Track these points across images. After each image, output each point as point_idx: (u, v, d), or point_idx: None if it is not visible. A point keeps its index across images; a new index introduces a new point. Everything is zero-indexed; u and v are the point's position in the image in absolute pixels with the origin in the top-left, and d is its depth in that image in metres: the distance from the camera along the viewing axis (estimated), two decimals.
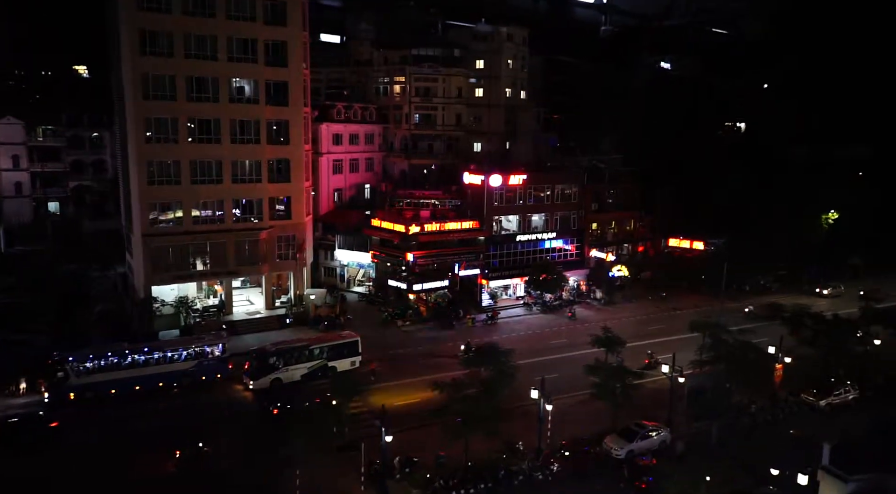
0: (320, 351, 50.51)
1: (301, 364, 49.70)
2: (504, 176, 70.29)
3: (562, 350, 58.17)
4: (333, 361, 50.59)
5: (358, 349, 52.16)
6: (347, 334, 53.88)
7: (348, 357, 51.46)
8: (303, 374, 49.52)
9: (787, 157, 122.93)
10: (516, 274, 71.99)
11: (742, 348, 44.77)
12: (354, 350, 52.02)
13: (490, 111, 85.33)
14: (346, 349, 51.69)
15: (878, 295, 59.90)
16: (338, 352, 51.13)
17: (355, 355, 51.95)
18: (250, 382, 48.58)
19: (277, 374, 48.81)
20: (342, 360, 51.07)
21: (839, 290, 77.95)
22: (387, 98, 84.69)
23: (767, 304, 59.10)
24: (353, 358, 51.75)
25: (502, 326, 66.52)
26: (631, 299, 76.71)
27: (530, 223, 73.61)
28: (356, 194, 79.79)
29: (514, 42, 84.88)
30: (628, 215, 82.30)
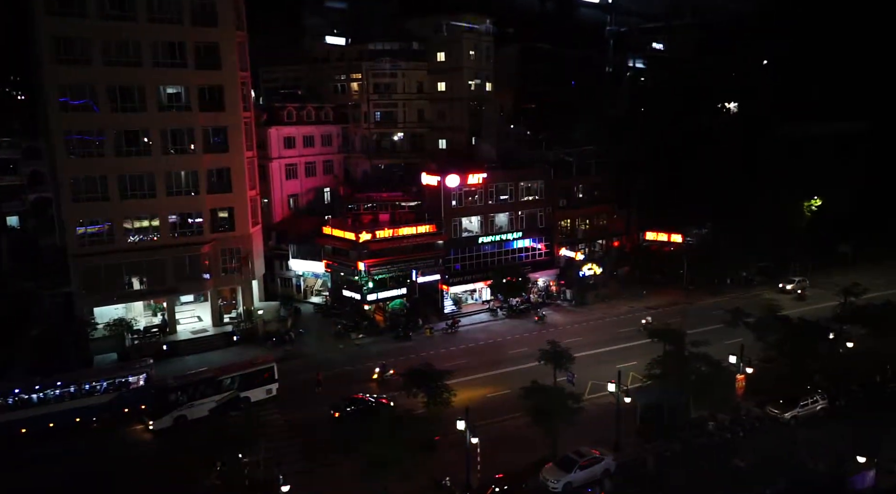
0: (231, 381, 46.16)
1: (208, 398, 45.03)
2: (461, 176, 66.64)
3: (519, 361, 54.61)
4: (246, 391, 46.43)
5: (274, 375, 47.99)
6: (262, 359, 49.44)
7: (263, 386, 47.33)
8: (211, 408, 44.82)
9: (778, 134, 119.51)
10: (479, 278, 68.49)
11: (698, 359, 41.29)
12: (270, 378, 47.79)
13: (453, 106, 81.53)
14: (259, 376, 47.36)
15: (856, 289, 55.89)
16: (250, 381, 46.83)
17: (271, 382, 47.80)
18: (150, 422, 44.12)
19: (181, 411, 44.36)
20: (256, 389, 46.94)
21: (804, 284, 73.88)
22: (345, 96, 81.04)
23: (735, 307, 54.98)
24: (269, 386, 47.65)
25: (462, 335, 63.09)
26: (604, 298, 73.21)
27: (494, 224, 69.99)
28: (315, 199, 76.39)
29: (476, 32, 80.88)
30: (602, 209, 78.48)
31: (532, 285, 71.94)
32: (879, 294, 71.24)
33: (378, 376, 50.91)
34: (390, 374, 50.70)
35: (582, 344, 59.06)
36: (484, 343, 60.46)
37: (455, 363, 54.25)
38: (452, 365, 53.54)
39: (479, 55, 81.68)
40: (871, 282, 76.11)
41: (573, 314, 69.23)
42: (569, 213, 74.79)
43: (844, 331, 49.16)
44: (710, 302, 71.85)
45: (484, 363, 54.46)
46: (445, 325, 63.48)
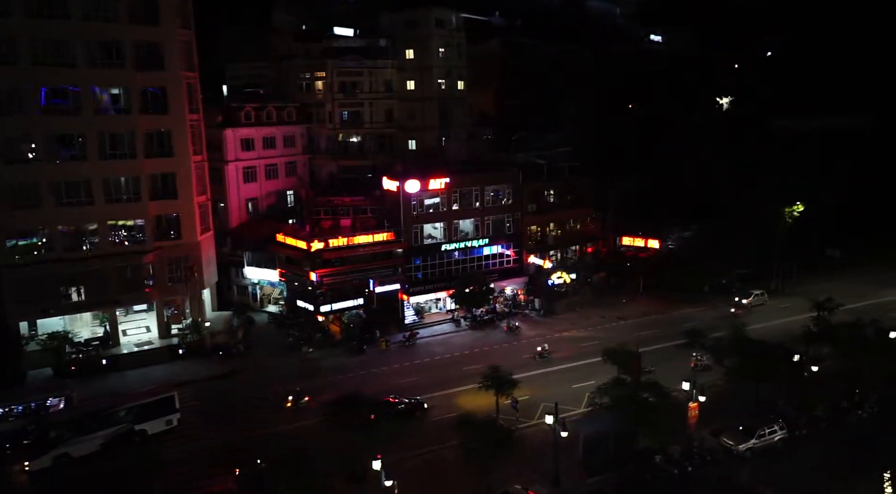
0: (126, 413, 42.03)
1: (96, 433, 40.67)
2: (422, 181, 63.71)
3: (471, 380, 50.69)
4: (142, 423, 42.41)
5: (174, 405, 43.90)
6: (161, 388, 45.71)
7: (162, 417, 43.18)
8: (101, 444, 40.57)
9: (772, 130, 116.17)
10: (442, 287, 65.66)
11: (646, 387, 38.44)
12: (169, 408, 43.65)
13: (423, 105, 78.45)
14: (157, 407, 43.23)
15: (829, 304, 52.70)
16: (147, 413, 42.67)
17: (170, 413, 43.64)
18: (26, 463, 39.14)
19: (64, 448, 39.64)
20: (154, 421, 42.83)
21: (762, 298, 70.19)
22: (310, 95, 78.03)
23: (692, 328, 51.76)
24: (168, 417, 43.46)
25: (420, 348, 60.32)
26: (575, 307, 70.31)
27: (458, 230, 67.13)
28: (276, 203, 73.56)
29: (446, 28, 77.71)
30: (575, 213, 75.41)
31: (498, 295, 69.17)
32: (861, 305, 68.72)
33: (291, 403, 46.97)
34: (305, 401, 46.83)
35: (543, 361, 56.55)
36: (440, 358, 57.60)
37: (402, 382, 51.72)
38: (399, 384, 51.38)
39: (450, 53, 78.54)
40: (857, 290, 74.01)
41: (540, 324, 66.31)
42: (539, 218, 71.74)
43: (811, 353, 46.10)
44: (685, 312, 69.02)
45: (434, 381, 51.56)
46: (402, 337, 60.81)
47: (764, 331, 61.34)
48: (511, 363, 54.90)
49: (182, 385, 51.02)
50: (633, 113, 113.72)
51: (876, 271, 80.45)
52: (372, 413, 42.68)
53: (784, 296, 73.54)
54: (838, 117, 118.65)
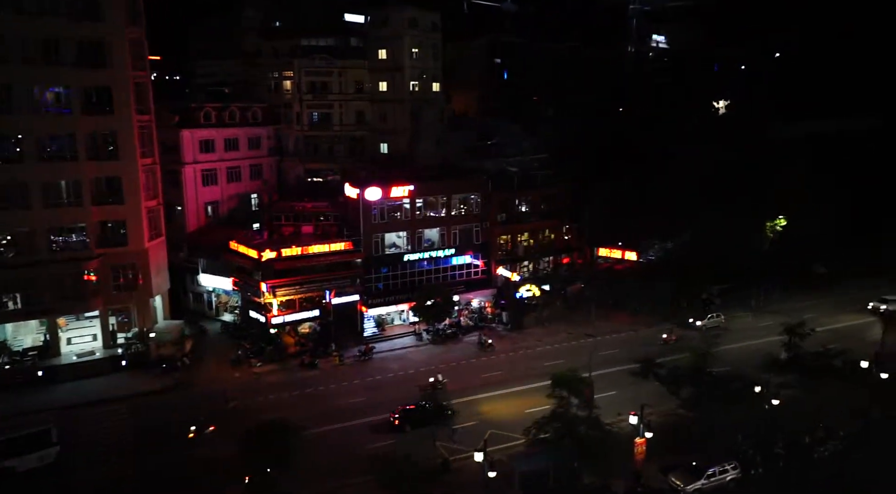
0: None
1: None
2: (384, 188, 61.11)
3: None
4: (10, 459, 38.62)
5: (51, 438, 40.10)
6: (36, 420, 41.93)
7: (35, 452, 39.36)
8: None
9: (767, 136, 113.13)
10: (404, 299, 63.04)
11: (589, 422, 35.77)
12: (44, 442, 39.88)
13: (395, 107, 75.77)
14: (29, 441, 39.46)
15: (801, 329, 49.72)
16: (16, 447, 38.90)
17: (46, 447, 39.83)
18: None
19: None
20: (25, 457, 39.02)
21: (718, 321, 66.24)
22: (278, 95, 75.49)
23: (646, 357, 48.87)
24: (42, 452, 39.61)
25: (376, 363, 57.68)
26: (545, 322, 67.57)
27: (422, 240, 64.49)
28: (239, 206, 71.02)
29: (420, 28, 74.89)
30: (549, 223, 72.61)
31: (463, 308, 66.55)
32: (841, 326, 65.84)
33: (194, 434, 43.03)
34: (210, 431, 43.11)
35: (498, 381, 53.68)
36: (393, 376, 55.00)
37: (348, 403, 49.15)
38: (343, 405, 48.71)
39: (424, 53, 75.74)
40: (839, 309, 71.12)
41: (505, 339, 63.57)
42: (509, 228, 68.97)
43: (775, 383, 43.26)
44: (659, 330, 66.10)
45: (381, 402, 48.71)
46: (358, 352, 58.23)
47: (736, 353, 59.14)
48: (465, 383, 52.93)
49: (113, 401, 49.12)
50: (623, 116, 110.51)
51: (863, 287, 77.45)
52: (397, 419, 43.53)
53: (765, 314, 70.45)
54: (842, 121, 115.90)
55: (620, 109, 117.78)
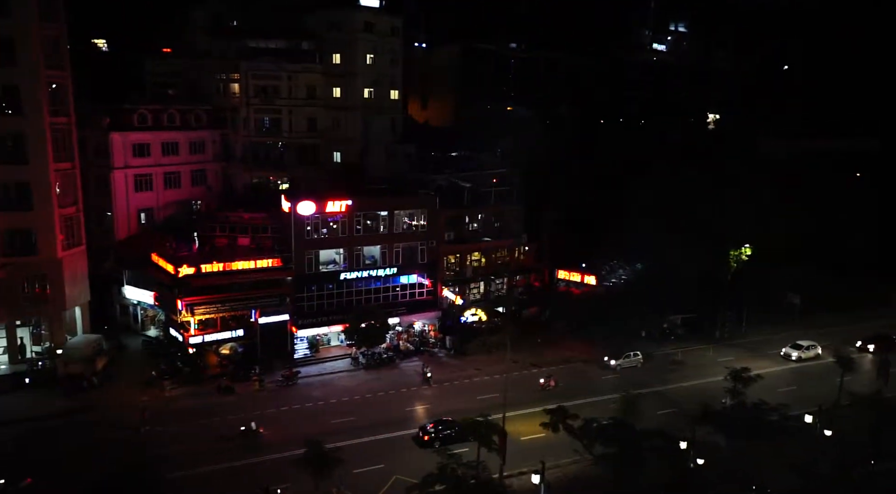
0: None
1: None
2: (318, 203, 57.44)
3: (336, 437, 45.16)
4: None
5: None
6: None
7: None
8: None
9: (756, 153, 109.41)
10: (337, 320, 59.33)
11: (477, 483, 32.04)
12: None
13: (348, 115, 72.16)
14: None
15: (744, 373, 45.73)
16: None
17: None
18: None
19: None
20: None
21: (636, 360, 60.95)
22: (226, 98, 71.87)
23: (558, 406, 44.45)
24: None
25: (299, 390, 53.89)
26: (491, 347, 63.69)
27: (361, 258, 60.82)
28: (179, 214, 67.37)
29: (377, 32, 71.27)
30: (504, 243, 68.91)
31: (403, 331, 62.89)
32: (803, 366, 61.89)
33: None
34: (25, 484, 37.88)
35: (421, 416, 49.97)
36: (313, 406, 51.20)
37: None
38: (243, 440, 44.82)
39: (381, 59, 72.11)
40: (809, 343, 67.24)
41: (445, 367, 59.84)
42: (458, 247, 65.25)
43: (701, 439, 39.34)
44: (613, 361, 62.40)
45: (286, 438, 45.04)
46: (281, 377, 54.54)
47: (680, 393, 55.37)
48: (385, 418, 49.14)
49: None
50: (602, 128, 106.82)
51: (836, 320, 73.52)
52: (426, 435, 43.12)
53: (728, 347, 66.70)
54: (841, 141, 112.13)
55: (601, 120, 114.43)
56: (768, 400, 52.67)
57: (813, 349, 62.78)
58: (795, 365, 61.83)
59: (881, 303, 77.93)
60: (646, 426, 44.27)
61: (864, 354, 63.27)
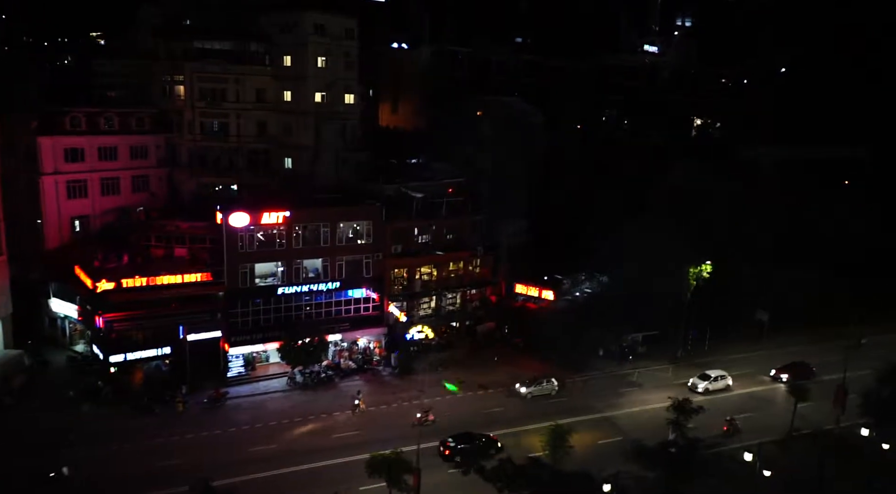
0: None
1: None
2: (252, 214, 54.54)
3: (238, 471, 42.20)
4: None
5: None
6: None
7: None
8: None
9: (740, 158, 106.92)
10: (272, 337, 56.41)
11: None
12: None
13: (299, 120, 69.22)
14: None
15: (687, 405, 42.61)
16: None
17: None
18: None
19: None
20: None
21: (549, 388, 56.59)
22: (171, 101, 68.92)
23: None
24: None
25: (226, 412, 50.99)
26: (439, 366, 60.86)
27: (300, 271, 57.94)
28: (118, 221, 64.33)
29: (330, 35, 68.28)
30: (457, 255, 65.94)
31: (346, 348, 60.04)
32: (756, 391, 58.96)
33: None
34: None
35: (351, 445, 46.55)
36: (236, 431, 48.17)
37: (148, 468, 41.94)
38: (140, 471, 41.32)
39: (335, 62, 69.12)
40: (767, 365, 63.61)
41: (386, 387, 56.97)
42: (406, 261, 62.34)
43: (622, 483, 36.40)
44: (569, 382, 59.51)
45: (196, 466, 42.00)
46: (206, 399, 51.63)
47: (627, 420, 52.62)
48: (308, 445, 46.25)
49: None
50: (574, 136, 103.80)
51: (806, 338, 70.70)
52: (447, 449, 42.83)
53: (689, 367, 63.81)
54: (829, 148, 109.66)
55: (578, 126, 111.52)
56: (717, 428, 50.45)
57: (722, 380, 57.90)
58: (744, 391, 58.56)
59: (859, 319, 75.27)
60: (581, 457, 41.99)
61: (777, 384, 59.73)
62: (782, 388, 58.04)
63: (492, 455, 43.98)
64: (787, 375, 59.77)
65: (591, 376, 60.63)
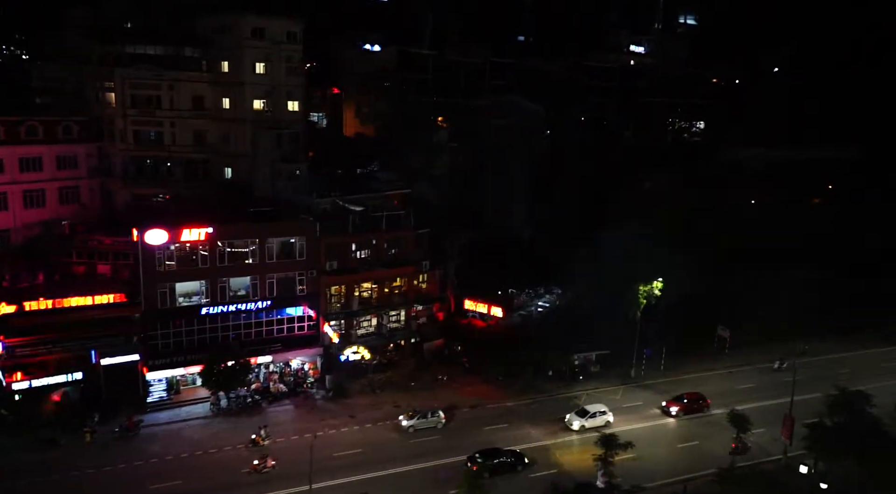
0: None
1: None
2: (171, 231, 51.49)
3: None
4: None
5: None
6: None
7: None
8: None
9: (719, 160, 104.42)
10: (194, 360, 53.39)
11: None
12: None
13: (238, 128, 66.24)
14: None
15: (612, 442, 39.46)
16: None
17: None
18: None
19: None
20: None
21: (435, 420, 51.74)
22: (102, 108, 65.82)
23: None
24: None
25: (139, 443, 47.89)
26: (376, 388, 57.99)
27: (227, 290, 54.95)
28: (44, 234, 61.18)
29: (270, 39, 65.25)
30: (401, 271, 62.99)
31: (279, 370, 57.11)
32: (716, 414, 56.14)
33: None
34: None
35: (265, 479, 44.18)
36: (143, 464, 44.96)
37: None
38: None
39: (276, 68, 66.09)
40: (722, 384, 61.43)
41: (314, 413, 53.80)
42: (343, 278, 59.29)
43: None
44: (508, 406, 56.69)
45: None
46: (118, 428, 48.55)
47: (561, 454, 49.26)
48: (214, 483, 43.10)
49: None
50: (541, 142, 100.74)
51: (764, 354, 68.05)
52: (474, 464, 43.49)
53: (640, 388, 61.13)
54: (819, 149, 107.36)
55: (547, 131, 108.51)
56: (664, 459, 47.88)
57: (601, 416, 52.08)
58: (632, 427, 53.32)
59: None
60: None
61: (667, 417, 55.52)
62: (672, 423, 54.60)
63: (518, 470, 45.60)
64: (677, 407, 55.30)
65: (534, 398, 57.89)
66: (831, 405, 46.02)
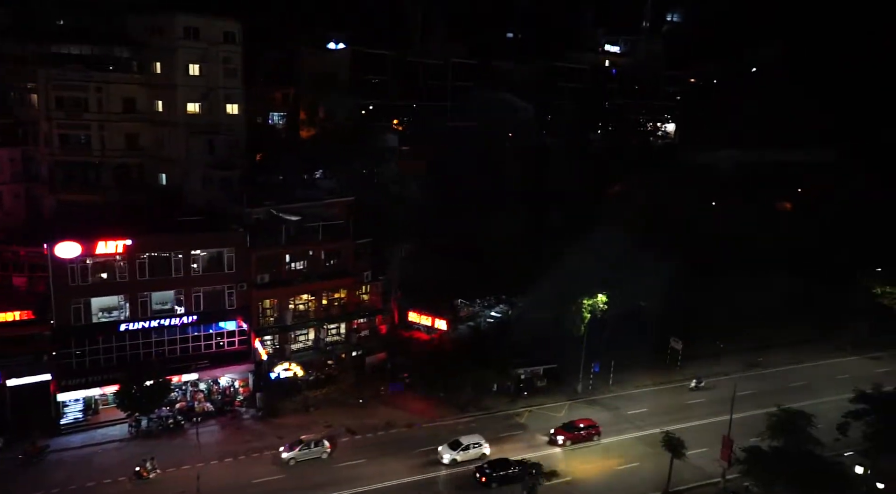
0: None
1: None
2: (84, 244, 48.48)
3: None
4: None
5: None
6: None
7: None
8: None
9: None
10: (114, 379, 50.22)
11: None
12: None
13: (171, 132, 63.29)
14: None
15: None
16: None
17: None
18: None
19: None
20: None
21: (320, 450, 47.74)
22: (26, 110, 62.56)
23: None
24: None
25: (42, 470, 44.82)
26: (310, 406, 55.42)
27: (148, 305, 52.07)
28: None
29: (206, 39, 62.35)
30: (339, 283, 60.32)
31: (206, 388, 54.38)
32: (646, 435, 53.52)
33: None
34: None
35: None
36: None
37: None
38: None
39: (212, 69, 63.13)
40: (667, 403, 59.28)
41: (238, 434, 51.07)
42: (276, 291, 56.55)
43: None
44: (446, 424, 54.36)
45: None
46: (21, 454, 45.55)
47: None
48: None
49: None
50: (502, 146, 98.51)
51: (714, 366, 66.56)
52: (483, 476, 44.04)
53: (586, 404, 59.00)
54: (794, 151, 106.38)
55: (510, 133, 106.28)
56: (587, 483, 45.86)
57: (476, 449, 48.50)
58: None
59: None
60: None
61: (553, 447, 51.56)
62: (558, 452, 50.95)
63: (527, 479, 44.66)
64: (563, 436, 51.71)
65: (475, 416, 55.67)
66: (771, 427, 44.69)
